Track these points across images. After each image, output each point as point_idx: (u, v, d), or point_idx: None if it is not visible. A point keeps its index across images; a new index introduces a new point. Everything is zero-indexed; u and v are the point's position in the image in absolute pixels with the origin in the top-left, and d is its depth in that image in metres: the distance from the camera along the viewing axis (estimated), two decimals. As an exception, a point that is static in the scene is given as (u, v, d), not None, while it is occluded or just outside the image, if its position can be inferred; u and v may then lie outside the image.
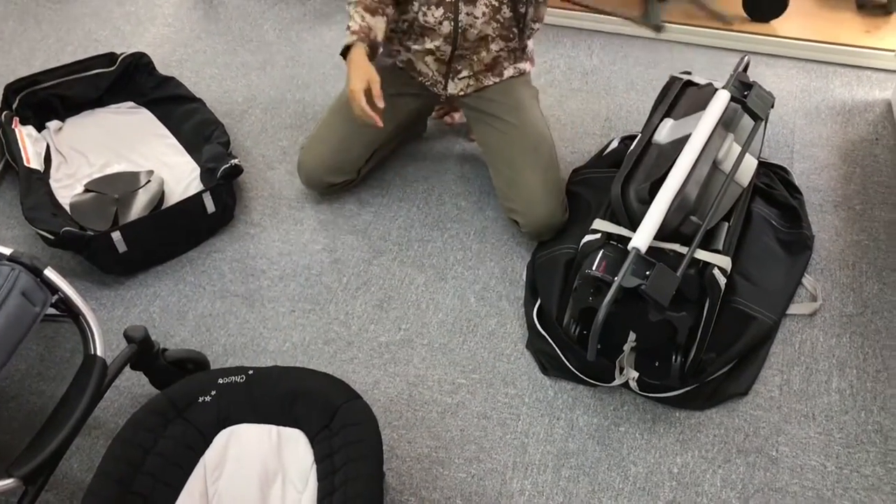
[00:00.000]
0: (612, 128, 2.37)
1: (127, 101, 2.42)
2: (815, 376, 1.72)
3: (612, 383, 1.67)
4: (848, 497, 1.52)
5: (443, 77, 1.98)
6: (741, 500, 1.52)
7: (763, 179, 2.05)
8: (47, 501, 1.55)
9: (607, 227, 1.64)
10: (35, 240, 2.03)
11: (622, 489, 1.55)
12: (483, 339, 1.81)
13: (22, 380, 1.76)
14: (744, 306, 1.74)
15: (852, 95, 2.47)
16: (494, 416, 1.67)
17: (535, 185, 1.89)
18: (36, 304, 1.44)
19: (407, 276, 1.96)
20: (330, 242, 2.05)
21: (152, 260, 2.00)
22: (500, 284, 1.93)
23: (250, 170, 2.25)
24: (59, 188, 2.11)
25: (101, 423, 1.68)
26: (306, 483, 1.34)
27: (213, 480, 1.35)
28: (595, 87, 2.53)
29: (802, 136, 2.31)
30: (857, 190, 2.13)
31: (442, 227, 2.07)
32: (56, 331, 1.85)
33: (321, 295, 1.92)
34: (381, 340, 1.82)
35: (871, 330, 1.80)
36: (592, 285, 1.56)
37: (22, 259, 1.48)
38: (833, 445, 1.60)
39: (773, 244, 1.90)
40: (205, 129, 2.24)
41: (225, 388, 1.42)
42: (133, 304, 1.91)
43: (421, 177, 2.22)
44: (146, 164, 2.20)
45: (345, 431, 1.34)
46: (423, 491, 1.55)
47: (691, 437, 1.62)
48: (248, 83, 2.58)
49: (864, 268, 1.93)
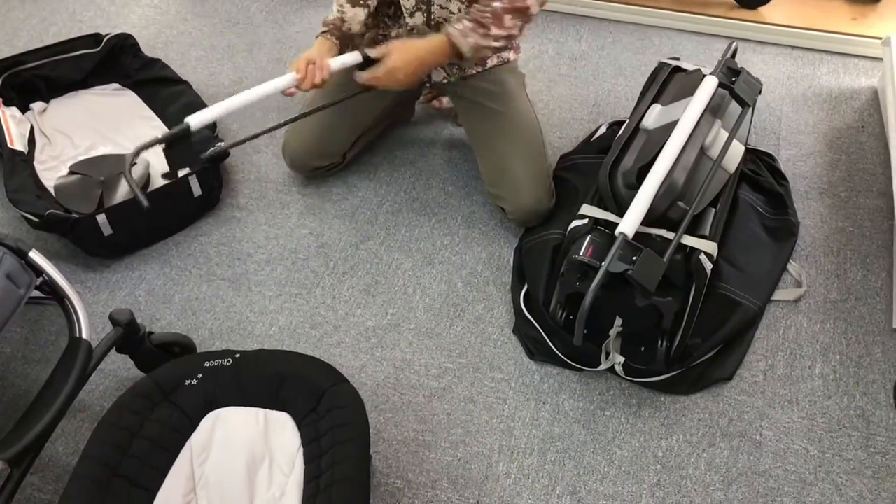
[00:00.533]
0: (600, 113, 2.37)
1: (112, 83, 2.40)
2: (799, 361, 1.73)
3: (598, 368, 1.68)
4: (830, 481, 1.54)
5: None
6: (725, 483, 1.54)
7: (749, 166, 2.06)
8: (32, 484, 1.54)
9: (595, 212, 1.64)
10: (19, 222, 2.01)
11: (607, 472, 1.56)
12: (470, 324, 1.82)
13: (6, 363, 1.75)
14: (729, 292, 1.75)
15: (839, 83, 2.48)
16: (481, 400, 1.68)
17: (521, 172, 1.89)
18: (20, 287, 1.43)
19: (394, 261, 1.96)
20: (317, 226, 2.04)
21: (138, 243, 1.99)
22: (487, 269, 1.93)
23: (237, 153, 2.24)
24: (43, 170, 2.09)
25: (87, 406, 1.67)
26: (293, 466, 1.34)
27: (199, 463, 1.35)
28: (583, 72, 2.53)
29: (789, 122, 2.32)
30: (842, 177, 2.15)
31: (429, 212, 2.07)
32: (41, 314, 1.84)
33: (308, 279, 1.92)
34: (368, 325, 1.82)
35: (855, 316, 1.81)
36: (579, 270, 1.56)
37: (6, 241, 1.47)
38: (816, 430, 1.62)
39: (759, 230, 1.91)
40: (191, 112, 2.21)
41: (211, 372, 1.42)
42: (119, 287, 1.90)
43: (408, 161, 2.21)
44: (131, 146, 2.17)
45: (331, 415, 1.34)
46: (409, 474, 1.56)
47: (676, 422, 1.63)
48: (235, 66, 2.56)
49: (848, 254, 1.94)
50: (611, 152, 1.71)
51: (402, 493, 1.53)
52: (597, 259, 1.53)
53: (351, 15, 1.84)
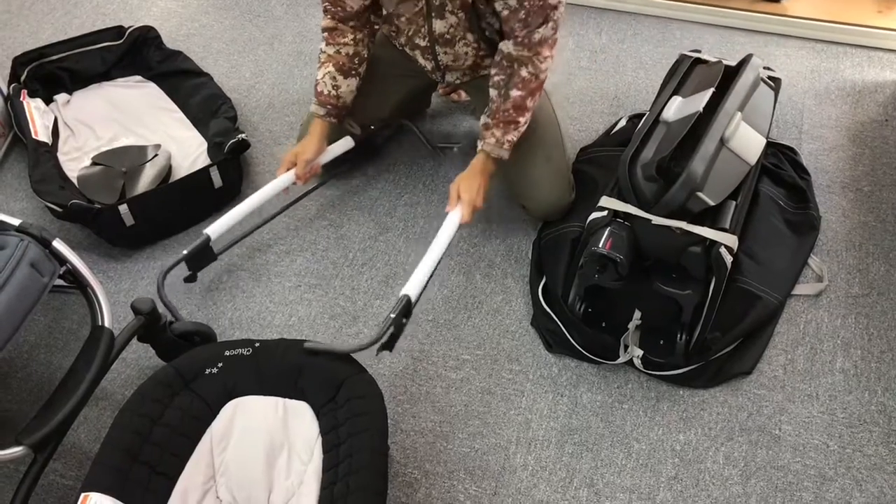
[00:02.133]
0: (620, 106, 2.36)
1: (134, 75, 2.42)
2: (820, 356, 1.72)
3: (616, 361, 1.68)
4: (850, 476, 1.53)
5: (438, 73, 1.96)
6: (743, 477, 1.53)
7: (771, 160, 2.04)
8: (55, 470, 1.57)
9: (614, 204, 1.63)
10: (43, 212, 2.04)
11: (625, 465, 1.56)
12: (488, 316, 1.82)
13: (31, 350, 1.78)
14: (749, 286, 1.74)
15: (863, 76, 2.45)
16: (498, 391, 1.68)
17: (541, 170, 1.88)
18: (44, 275, 1.45)
19: (413, 253, 1.96)
20: (336, 218, 2.05)
21: (159, 233, 2.01)
22: (506, 262, 1.93)
23: (257, 145, 2.25)
24: (66, 161, 2.11)
25: (109, 394, 1.69)
26: (311, 454, 1.35)
27: (219, 451, 1.37)
28: (604, 65, 2.52)
29: (811, 116, 2.30)
30: (865, 171, 2.12)
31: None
32: (64, 302, 1.87)
33: (327, 270, 1.93)
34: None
35: (877, 311, 1.80)
36: (598, 263, 1.56)
37: (31, 230, 1.49)
38: (836, 425, 1.60)
39: (780, 224, 1.90)
40: (212, 104, 2.24)
41: (231, 361, 1.43)
42: (140, 276, 1.92)
43: (427, 154, 2.21)
44: (153, 137, 2.20)
45: (350, 404, 1.35)
46: (427, 464, 1.56)
47: (695, 415, 1.63)
48: (256, 58, 2.57)
49: (870, 249, 1.93)
50: (630, 144, 1.70)
51: (419, 484, 1.54)
52: (616, 251, 1.53)
53: (345, 88, 1.88)
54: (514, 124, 1.76)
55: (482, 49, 1.83)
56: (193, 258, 1.81)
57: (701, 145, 1.60)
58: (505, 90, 1.73)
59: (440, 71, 1.92)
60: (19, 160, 2.21)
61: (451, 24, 1.76)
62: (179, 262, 1.76)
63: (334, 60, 1.86)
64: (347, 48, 1.85)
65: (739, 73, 1.84)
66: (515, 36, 1.67)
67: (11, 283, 1.37)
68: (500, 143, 1.77)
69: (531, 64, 1.70)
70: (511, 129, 1.77)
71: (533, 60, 1.70)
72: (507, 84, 1.72)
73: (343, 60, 1.86)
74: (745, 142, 1.69)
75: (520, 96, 1.72)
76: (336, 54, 1.86)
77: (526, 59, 1.69)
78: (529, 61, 1.70)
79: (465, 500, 1.51)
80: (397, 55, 1.98)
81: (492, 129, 1.77)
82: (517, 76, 1.71)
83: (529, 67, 1.70)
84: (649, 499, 1.50)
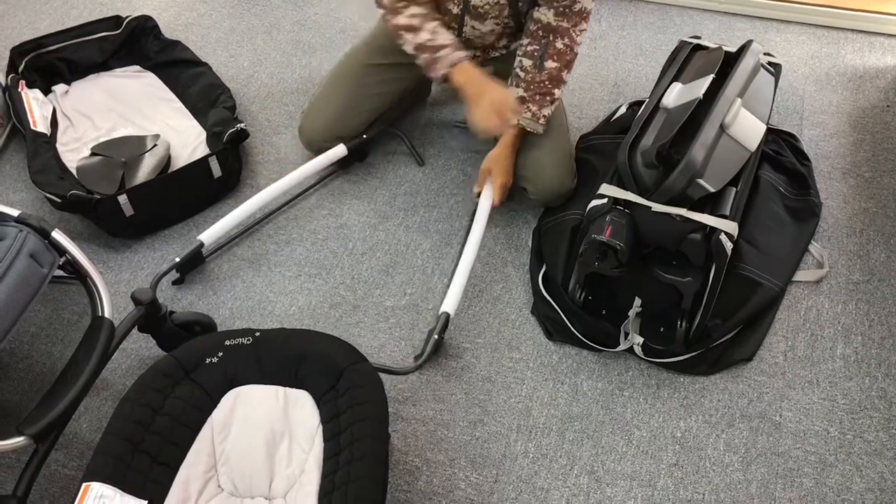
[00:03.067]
0: (620, 93, 2.35)
1: (132, 65, 2.41)
2: (820, 343, 1.72)
3: (616, 349, 1.68)
4: (850, 462, 1.53)
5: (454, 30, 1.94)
6: (743, 463, 1.53)
7: (771, 146, 2.04)
8: (57, 460, 1.57)
9: (614, 191, 1.63)
10: (42, 203, 2.03)
11: (625, 452, 1.56)
12: (488, 305, 1.82)
13: (31, 341, 1.78)
14: (750, 273, 1.74)
15: (863, 62, 2.44)
16: (499, 380, 1.68)
17: (545, 152, 1.88)
18: (44, 266, 1.45)
19: (412, 242, 1.96)
20: (335, 207, 2.05)
21: (159, 224, 2.00)
22: (506, 250, 1.93)
23: (256, 134, 2.24)
24: (65, 152, 2.11)
25: (110, 384, 1.69)
26: (312, 443, 1.35)
27: (220, 440, 1.37)
28: (603, 52, 2.51)
29: (812, 102, 2.29)
30: (866, 157, 2.12)
31: (448, 193, 2.07)
32: (64, 293, 1.87)
33: (327, 259, 1.93)
34: (387, 305, 1.82)
35: (878, 297, 1.80)
36: (598, 250, 1.56)
37: (30, 221, 1.49)
38: (837, 411, 1.61)
39: (781, 211, 1.90)
40: (211, 94, 2.23)
41: (232, 350, 1.43)
42: (140, 267, 1.92)
43: (427, 142, 2.21)
44: (152, 127, 2.19)
45: (350, 393, 1.35)
46: (427, 452, 1.57)
47: (695, 402, 1.63)
48: (254, 47, 2.56)
49: (871, 235, 1.92)
50: (630, 131, 1.70)
51: (420, 472, 1.54)
52: (616, 239, 1.52)
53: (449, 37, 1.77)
54: (549, 96, 1.76)
55: (507, 28, 1.82)
56: (185, 264, 1.84)
57: (701, 132, 1.60)
58: (539, 61, 1.71)
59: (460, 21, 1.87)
60: (18, 151, 2.20)
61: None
62: (172, 269, 1.79)
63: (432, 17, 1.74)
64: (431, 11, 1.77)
65: (739, 60, 1.83)
66: (556, 6, 1.66)
67: (11, 274, 1.37)
68: (536, 117, 1.77)
69: (567, 36, 1.69)
70: (547, 103, 1.77)
71: (570, 32, 1.69)
72: (541, 55, 1.70)
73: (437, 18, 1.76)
74: (746, 128, 1.68)
75: (555, 68, 1.71)
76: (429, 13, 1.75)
77: (564, 30, 1.68)
78: (567, 33, 1.69)
79: (467, 487, 1.52)
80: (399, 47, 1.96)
81: (528, 104, 1.77)
82: (552, 47, 1.69)
83: (566, 39, 1.69)
84: (650, 485, 1.51)
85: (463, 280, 1.68)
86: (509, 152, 1.83)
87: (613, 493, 1.50)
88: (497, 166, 1.83)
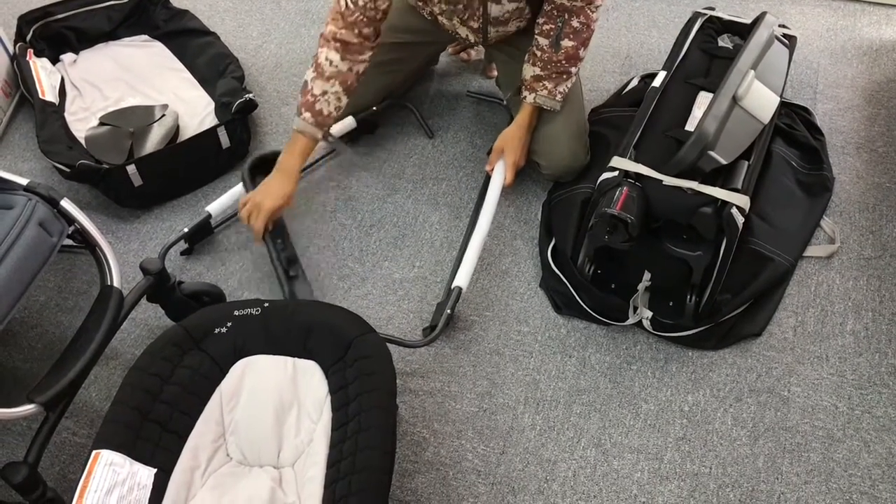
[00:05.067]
0: (632, 66, 2.33)
1: (141, 35, 2.40)
2: (830, 318, 1.71)
3: (625, 322, 1.67)
4: (858, 437, 1.52)
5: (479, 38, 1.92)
6: (751, 438, 1.53)
7: (784, 120, 2.01)
8: (67, 428, 1.58)
9: (625, 164, 1.62)
10: (51, 172, 2.03)
11: (633, 426, 1.56)
12: (496, 278, 1.81)
13: (41, 310, 1.79)
14: (760, 247, 1.73)
15: (880, 35, 2.40)
16: (507, 352, 1.68)
17: (559, 126, 1.85)
18: (53, 235, 1.45)
19: (421, 214, 1.95)
20: (344, 179, 2.04)
21: (168, 194, 2.00)
22: (515, 224, 1.92)
23: (265, 105, 2.23)
24: (74, 121, 2.10)
25: (119, 353, 1.70)
26: (321, 413, 1.36)
27: (229, 410, 1.37)
28: (616, 24, 2.48)
29: (826, 76, 2.26)
30: (880, 132, 2.09)
31: (457, 166, 2.06)
32: (73, 262, 1.87)
33: (336, 231, 1.92)
34: (395, 277, 1.82)
35: (889, 273, 1.78)
36: (609, 224, 1.55)
37: (38, 190, 1.49)
38: (845, 387, 1.60)
39: (793, 185, 1.88)
40: (219, 64, 2.22)
41: (240, 320, 1.43)
42: (149, 237, 1.92)
43: (436, 114, 2.19)
44: (161, 97, 2.18)
45: (358, 364, 1.35)
46: (435, 424, 1.57)
47: (703, 377, 1.63)
48: (263, 17, 2.54)
49: (884, 210, 1.91)
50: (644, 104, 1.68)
51: (427, 443, 1.54)
52: (626, 212, 1.51)
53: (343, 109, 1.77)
54: (566, 74, 1.75)
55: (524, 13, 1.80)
56: (193, 234, 1.84)
57: (713, 103, 1.58)
58: (555, 40, 1.70)
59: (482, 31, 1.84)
60: (27, 120, 2.20)
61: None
62: (180, 240, 1.80)
63: (343, 78, 1.70)
64: (361, 66, 1.73)
65: (753, 31, 1.80)
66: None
67: (20, 243, 1.37)
68: (552, 94, 1.77)
69: (583, 14, 1.68)
70: (563, 80, 1.76)
71: (585, 10, 1.67)
72: (557, 34, 1.70)
73: (352, 80, 1.72)
74: (759, 100, 1.66)
75: (572, 46, 1.71)
76: (348, 72, 1.70)
77: (579, 8, 1.67)
78: (582, 11, 1.67)
79: (474, 458, 1.52)
80: (421, 21, 1.92)
81: (543, 81, 1.76)
82: (568, 26, 1.69)
83: (581, 17, 1.68)
84: (657, 459, 1.51)
85: (475, 255, 1.68)
86: (524, 133, 1.82)
87: (620, 465, 1.50)
88: (510, 145, 1.82)
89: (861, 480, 1.47)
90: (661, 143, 1.65)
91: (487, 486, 1.49)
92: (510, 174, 1.82)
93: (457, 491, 1.48)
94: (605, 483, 1.48)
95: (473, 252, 1.69)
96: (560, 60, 1.73)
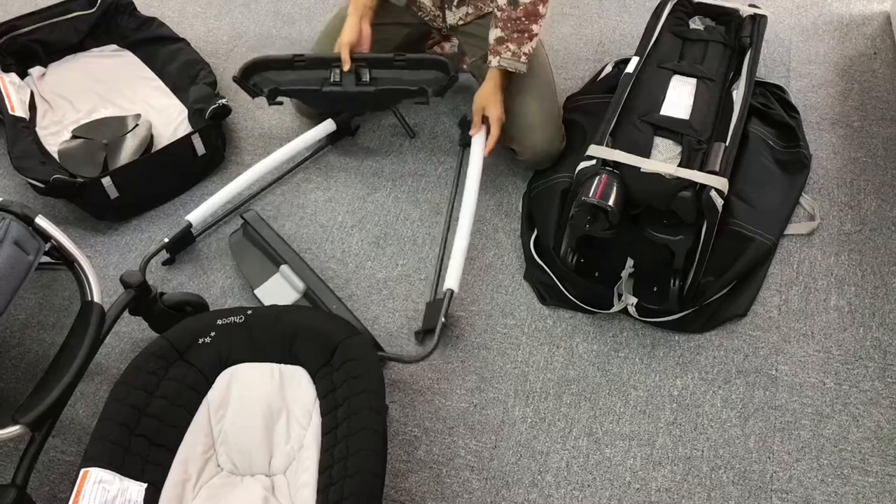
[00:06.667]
0: (605, 52, 2.32)
1: (109, 44, 2.37)
2: (814, 295, 1.72)
3: (610, 310, 1.67)
4: (847, 412, 1.54)
5: (439, 9, 1.92)
6: (741, 419, 1.54)
7: (759, 99, 2.02)
8: (55, 447, 1.57)
9: (603, 152, 1.61)
10: (25, 189, 2.01)
11: (623, 413, 1.56)
12: (480, 272, 1.81)
13: (22, 329, 1.77)
14: (741, 228, 1.73)
15: (849, 9, 2.41)
16: (494, 346, 1.68)
17: (534, 112, 1.85)
18: (29, 253, 1.43)
19: (402, 212, 1.94)
20: (323, 181, 2.03)
21: (145, 204, 1.98)
22: (496, 217, 1.92)
23: (239, 110, 2.21)
24: (46, 136, 2.08)
25: (104, 368, 1.69)
26: (310, 418, 1.35)
27: (217, 420, 1.37)
28: (587, 10, 2.48)
29: (799, 53, 2.27)
30: (854, 106, 2.10)
31: (435, 161, 2.05)
32: (53, 279, 1.85)
33: (316, 234, 1.91)
34: (379, 277, 1.81)
35: (870, 247, 1.79)
36: (589, 212, 1.55)
37: (12, 208, 1.47)
38: (832, 362, 1.61)
39: (771, 164, 1.88)
40: (191, 70, 2.19)
41: (224, 329, 1.42)
42: (128, 249, 1.90)
43: (412, 110, 2.18)
44: (133, 107, 2.16)
45: (346, 367, 1.35)
46: (426, 422, 1.57)
47: (691, 360, 1.63)
48: (233, 20, 2.52)
49: (862, 185, 1.92)
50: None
51: (419, 441, 1.54)
52: (606, 200, 1.51)
53: None
54: (527, 33, 1.73)
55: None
56: (174, 244, 1.82)
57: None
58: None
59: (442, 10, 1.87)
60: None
61: None
62: (160, 250, 1.78)
63: None
64: None
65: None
66: None
67: (-4, 263, 1.35)
68: (516, 55, 1.74)
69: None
70: (526, 40, 1.74)
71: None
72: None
73: None
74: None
75: (531, 3, 1.69)
76: None
77: None
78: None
79: (466, 454, 1.52)
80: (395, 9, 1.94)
81: (506, 43, 1.74)
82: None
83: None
84: (649, 444, 1.51)
85: (462, 255, 1.66)
86: (497, 89, 1.80)
87: (613, 453, 1.51)
88: (491, 101, 1.79)
89: (851, 455, 1.48)
90: (637, 129, 1.65)
91: (481, 482, 1.48)
92: (496, 129, 1.80)
93: (451, 488, 1.48)
94: (599, 471, 1.49)
95: (460, 252, 1.65)
96: (520, 17, 1.71)
